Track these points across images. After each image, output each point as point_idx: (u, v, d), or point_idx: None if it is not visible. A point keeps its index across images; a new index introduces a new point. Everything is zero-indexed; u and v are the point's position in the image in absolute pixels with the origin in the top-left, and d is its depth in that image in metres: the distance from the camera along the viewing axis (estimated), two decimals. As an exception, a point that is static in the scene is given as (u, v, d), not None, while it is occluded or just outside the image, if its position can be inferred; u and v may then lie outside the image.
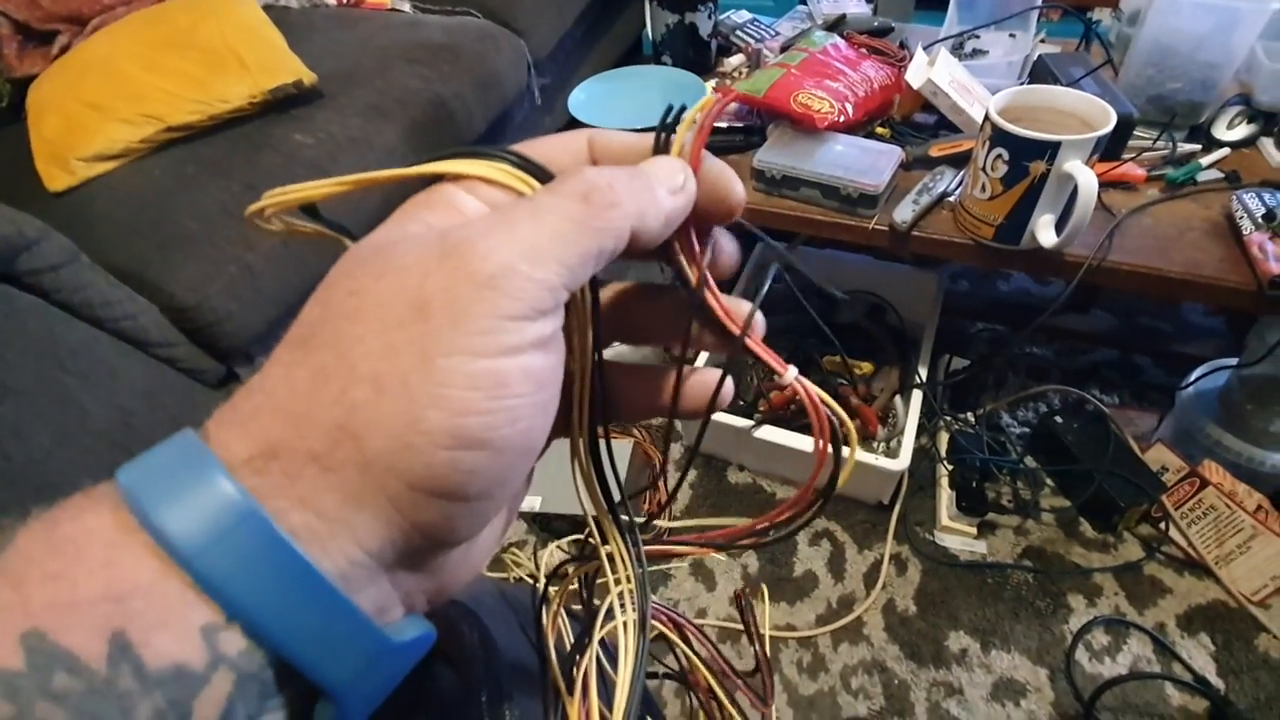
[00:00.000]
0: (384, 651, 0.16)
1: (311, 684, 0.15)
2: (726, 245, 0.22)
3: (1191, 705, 0.79)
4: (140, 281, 0.89)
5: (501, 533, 0.22)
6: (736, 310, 0.21)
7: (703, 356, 0.98)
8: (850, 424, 0.21)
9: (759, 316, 0.21)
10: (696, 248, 0.20)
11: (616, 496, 0.24)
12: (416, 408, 0.14)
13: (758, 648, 0.72)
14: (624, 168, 0.18)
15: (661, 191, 0.18)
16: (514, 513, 0.23)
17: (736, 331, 0.21)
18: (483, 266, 0.15)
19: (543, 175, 0.18)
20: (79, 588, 0.13)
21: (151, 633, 0.13)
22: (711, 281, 0.21)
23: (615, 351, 0.22)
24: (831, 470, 0.22)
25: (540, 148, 0.19)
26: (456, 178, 0.18)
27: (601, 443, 0.23)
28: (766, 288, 0.22)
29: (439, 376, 0.15)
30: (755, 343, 0.21)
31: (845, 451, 0.22)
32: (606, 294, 0.23)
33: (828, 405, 0.21)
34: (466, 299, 0.15)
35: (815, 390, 0.21)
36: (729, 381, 0.23)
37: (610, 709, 0.23)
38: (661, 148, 0.19)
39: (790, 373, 0.21)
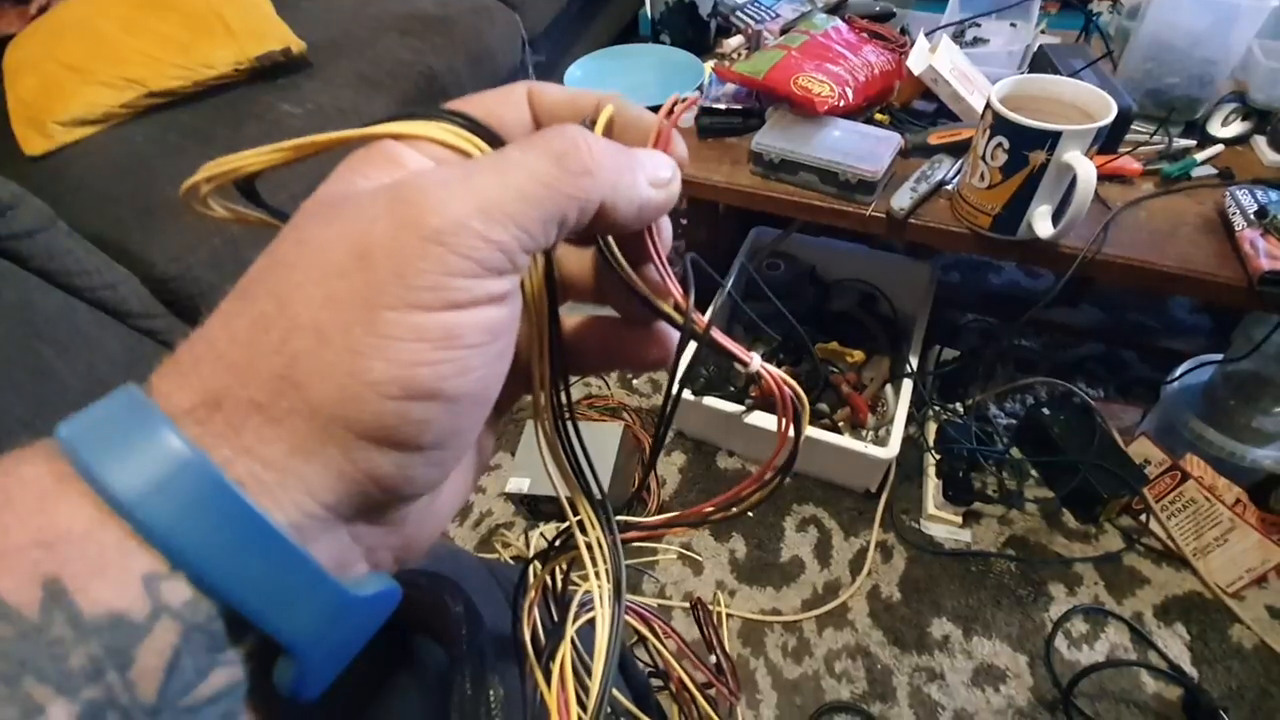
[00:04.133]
0: (343, 605, 0.16)
1: (268, 639, 0.14)
2: (664, 228, 0.21)
3: (1166, 693, 0.80)
4: (120, 250, 0.86)
5: (468, 486, 0.21)
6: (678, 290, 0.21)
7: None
8: (806, 404, 0.22)
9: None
10: (665, 263, 0.20)
11: (583, 461, 0.24)
12: (361, 358, 0.14)
13: (719, 654, 0.73)
14: (605, 140, 0.17)
15: (643, 178, 0.17)
16: (481, 467, 0.22)
17: (700, 327, 0.21)
18: (432, 219, 0.14)
19: (489, 135, 0.18)
20: (9, 535, 0.12)
21: (87, 580, 0.12)
22: (676, 281, 0.21)
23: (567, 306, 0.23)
24: (793, 447, 0.23)
25: (481, 101, 0.19)
26: (401, 138, 0.17)
27: (568, 423, 0.23)
28: (730, 282, 0.22)
29: (383, 328, 0.14)
30: (720, 336, 0.21)
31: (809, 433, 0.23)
32: None
33: (790, 387, 0.22)
34: (411, 252, 0.14)
35: (779, 374, 0.22)
36: (673, 335, 0.23)
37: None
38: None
39: (755, 361, 0.22)
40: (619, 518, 0.25)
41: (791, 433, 0.23)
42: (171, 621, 0.13)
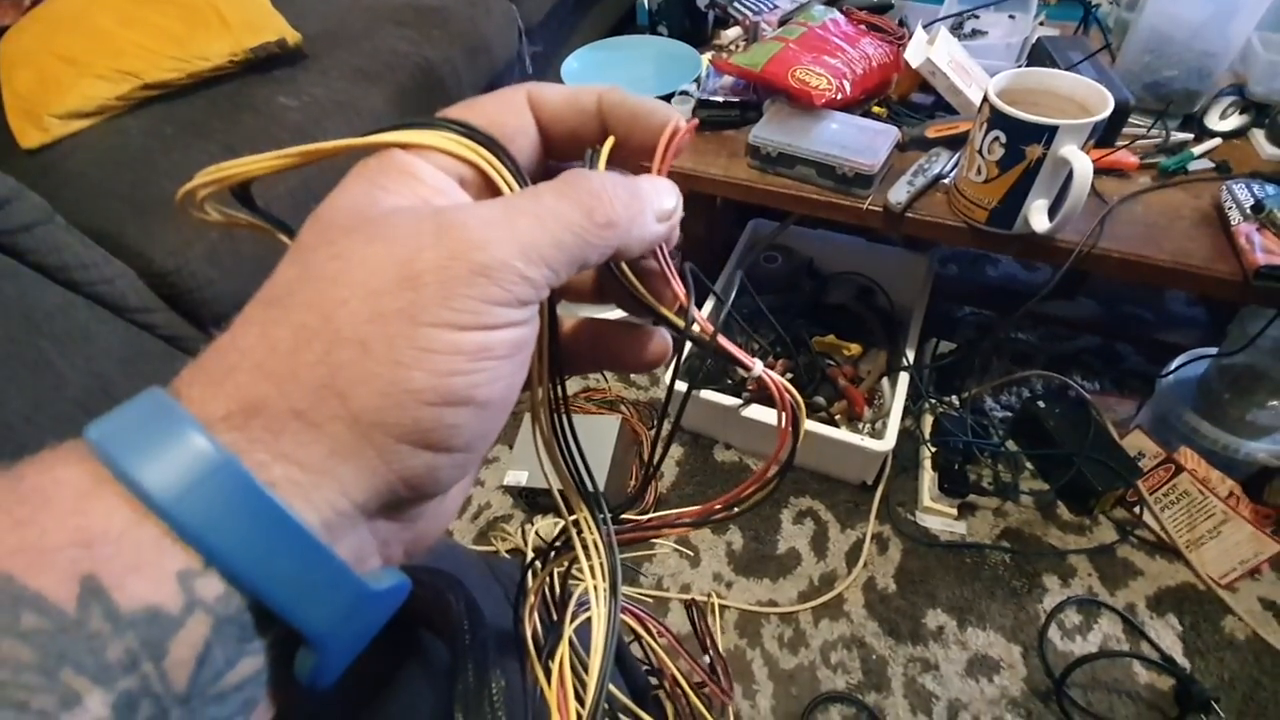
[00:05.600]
0: (362, 599, 0.16)
1: (291, 630, 0.15)
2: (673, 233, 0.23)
3: (1158, 683, 0.81)
4: (117, 245, 0.86)
5: (470, 483, 0.22)
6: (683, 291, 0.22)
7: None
8: (803, 408, 0.23)
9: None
10: (672, 268, 0.21)
11: (578, 459, 0.24)
12: (403, 369, 0.15)
13: (713, 654, 0.73)
14: (622, 181, 0.19)
15: (651, 217, 0.19)
16: (480, 464, 0.23)
17: (707, 335, 0.21)
18: (479, 255, 0.16)
19: (489, 143, 0.19)
20: (47, 535, 0.13)
21: (124, 577, 0.13)
22: (680, 283, 0.21)
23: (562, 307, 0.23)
24: (791, 448, 0.24)
25: (482, 108, 0.20)
26: (407, 147, 0.18)
27: (564, 419, 0.24)
28: (732, 299, 0.23)
29: (423, 342, 0.15)
30: (724, 342, 0.22)
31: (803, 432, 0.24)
32: None
33: (790, 393, 0.23)
34: (458, 280, 0.15)
35: (780, 380, 0.23)
36: (668, 337, 0.24)
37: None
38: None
39: (757, 367, 0.23)
40: (621, 515, 0.25)
41: (790, 435, 0.23)
42: (204, 615, 0.14)
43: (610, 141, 0.21)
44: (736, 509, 0.26)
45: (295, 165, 0.18)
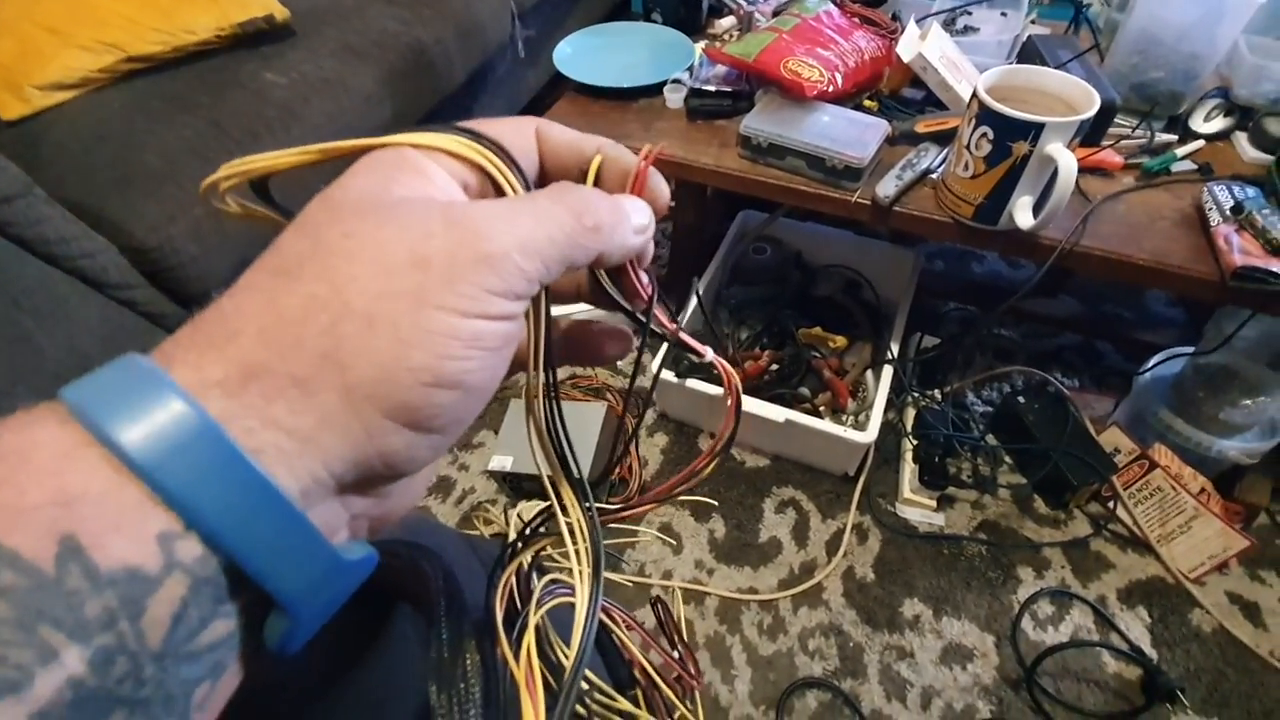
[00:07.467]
0: (335, 567, 0.17)
1: (262, 595, 0.16)
2: (647, 250, 0.25)
3: (1126, 673, 0.83)
4: (98, 219, 0.85)
5: (437, 466, 0.24)
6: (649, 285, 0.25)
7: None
8: (740, 390, 0.27)
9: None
10: (641, 275, 0.24)
11: (566, 447, 0.26)
12: (404, 347, 0.16)
13: (680, 647, 0.74)
14: (606, 196, 0.21)
15: (630, 228, 0.21)
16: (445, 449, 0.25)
17: (669, 331, 0.25)
18: (484, 245, 0.17)
19: (498, 150, 0.20)
20: (25, 494, 0.13)
21: (104, 536, 0.13)
22: (644, 278, 0.24)
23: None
24: (734, 423, 0.27)
25: (493, 125, 0.21)
26: (420, 148, 0.19)
27: (554, 404, 0.26)
28: (692, 307, 0.26)
29: (426, 323, 0.16)
30: (684, 336, 0.26)
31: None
32: None
33: (734, 376, 0.27)
34: (464, 266, 0.17)
35: (726, 364, 0.27)
36: (629, 336, 0.28)
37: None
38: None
39: (708, 353, 0.27)
40: (617, 497, 0.26)
41: (734, 412, 0.27)
42: (182, 575, 0.14)
43: (597, 161, 0.23)
44: (692, 482, 0.28)
45: (316, 162, 0.20)
